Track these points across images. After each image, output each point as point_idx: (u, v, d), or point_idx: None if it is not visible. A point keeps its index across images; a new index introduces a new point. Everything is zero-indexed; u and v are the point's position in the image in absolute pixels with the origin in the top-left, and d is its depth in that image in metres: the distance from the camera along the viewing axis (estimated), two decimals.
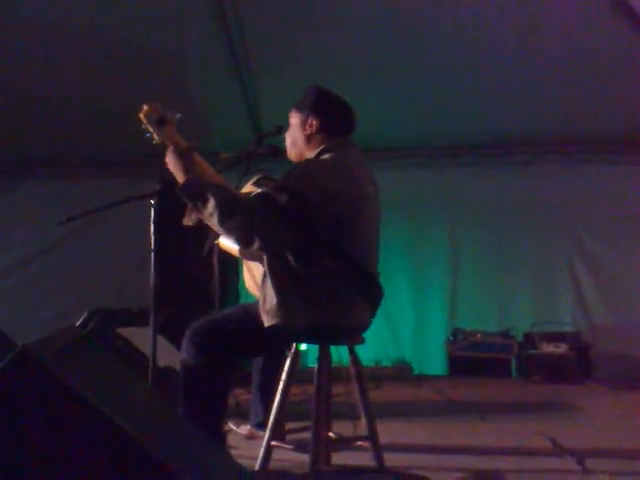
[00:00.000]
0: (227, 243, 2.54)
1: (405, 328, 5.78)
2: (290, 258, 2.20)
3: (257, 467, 2.30)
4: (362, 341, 2.42)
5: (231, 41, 4.73)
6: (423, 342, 5.80)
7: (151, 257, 2.51)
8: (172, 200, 2.76)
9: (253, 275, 2.59)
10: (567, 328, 5.52)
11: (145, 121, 2.36)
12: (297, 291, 2.20)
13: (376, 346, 5.29)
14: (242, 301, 4.89)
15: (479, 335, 5.50)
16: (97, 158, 5.98)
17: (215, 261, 3.46)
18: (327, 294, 2.22)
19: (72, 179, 6.01)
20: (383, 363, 5.52)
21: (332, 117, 2.39)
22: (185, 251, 4.31)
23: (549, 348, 5.21)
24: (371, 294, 2.35)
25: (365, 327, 2.42)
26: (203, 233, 2.68)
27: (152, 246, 2.50)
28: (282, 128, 2.56)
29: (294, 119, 2.44)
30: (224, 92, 5.20)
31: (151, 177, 5.40)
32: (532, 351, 5.27)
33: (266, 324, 2.24)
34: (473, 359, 5.42)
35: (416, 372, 5.47)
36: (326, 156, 2.33)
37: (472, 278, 5.83)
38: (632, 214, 5.56)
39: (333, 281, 2.22)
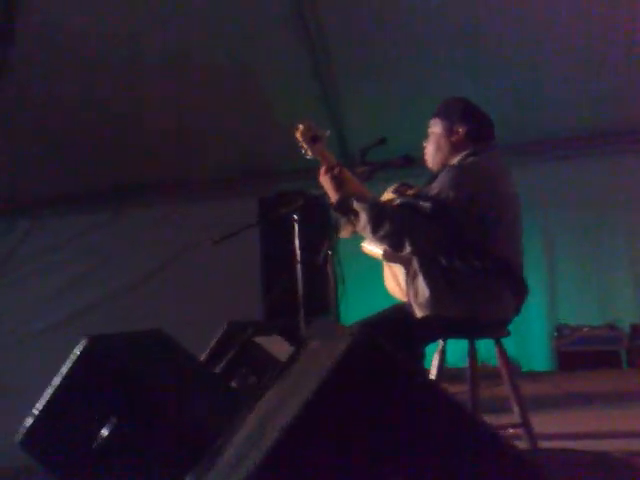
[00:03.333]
0: (370, 248, 2.68)
1: None
2: (440, 258, 2.37)
3: None
4: (508, 334, 2.54)
5: (313, 48, 4.92)
6: (525, 339, 5.79)
7: (297, 269, 2.68)
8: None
9: (396, 278, 2.70)
10: None
11: (301, 139, 2.59)
12: (447, 286, 2.36)
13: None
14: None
15: (586, 329, 5.48)
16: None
17: (330, 269, 3.60)
18: (475, 289, 2.37)
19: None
20: (490, 362, 5.53)
21: (478, 124, 2.55)
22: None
23: None
24: (516, 289, 2.47)
25: (509, 321, 2.54)
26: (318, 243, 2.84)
27: (298, 258, 2.67)
28: (385, 140, 2.73)
29: (437, 128, 2.59)
30: (306, 102, 5.38)
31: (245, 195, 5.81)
32: None
33: (418, 315, 2.39)
34: (582, 353, 5.40)
35: (524, 369, 5.48)
36: (469, 160, 2.48)
37: (569, 272, 5.82)
38: None
39: (480, 277, 2.36)
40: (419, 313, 2.40)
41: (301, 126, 2.58)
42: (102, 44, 4.95)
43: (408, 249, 2.32)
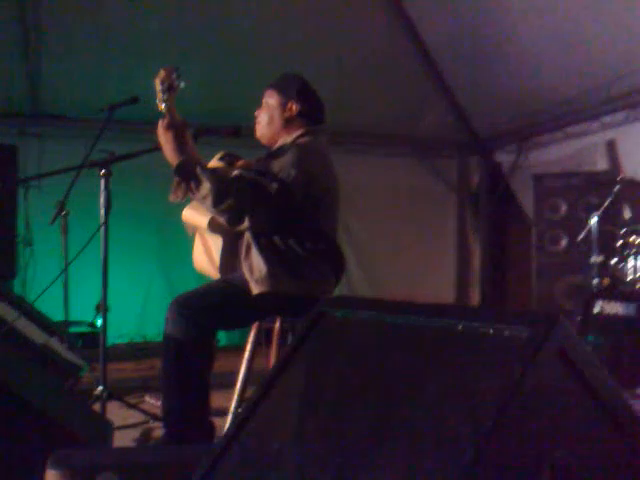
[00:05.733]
0: (194, 217, 2.64)
1: None
2: (274, 235, 2.41)
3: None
4: None
5: None
6: None
7: None
8: None
9: (210, 252, 2.67)
10: None
11: (159, 86, 2.30)
12: (282, 264, 2.41)
13: None
14: None
15: None
16: None
17: None
18: (308, 269, 2.45)
19: None
20: None
21: (312, 105, 2.60)
22: None
23: None
24: (339, 271, 2.58)
25: None
26: None
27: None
28: (138, 99, 2.73)
29: (272, 100, 2.58)
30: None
31: None
32: None
33: (255, 292, 2.40)
34: None
35: None
36: (305, 140, 2.52)
37: None
38: None
39: (312, 257, 2.45)
40: (256, 289, 2.39)
41: (163, 71, 2.30)
42: None
43: (246, 225, 2.33)
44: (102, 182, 2.66)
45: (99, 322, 5.04)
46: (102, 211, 2.71)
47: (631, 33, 4.47)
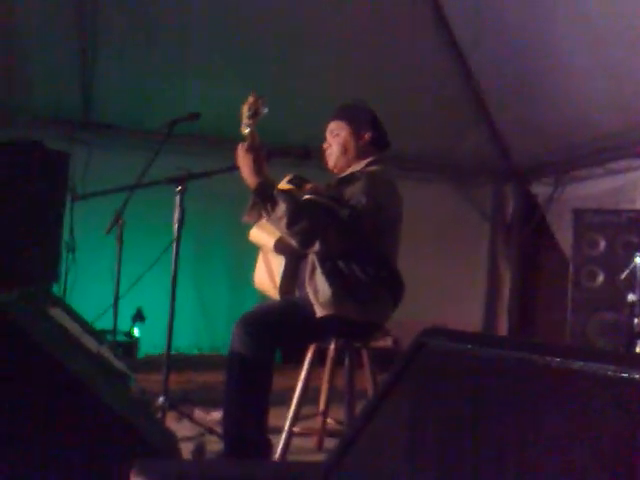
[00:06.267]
0: (261, 236, 2.68)
1: None
2: (339, 260, 2.46)
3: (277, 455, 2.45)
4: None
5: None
6: None
7: None
8: None
9: (271, 272, 2.70)
10: None
11: (246, 111, 2.41)
12: (346, 289, 2.45)
13: None
14: None
15: None
16: None
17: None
18: (369, 295, 2.50)
19: None
20: None
21: (381, 133, 2.68)
22: None
23: None
24: (398, 297, 2.64)
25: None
26: None
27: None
28: (199, 115, 2.93)
29: (343, 131, 2.64)
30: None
31: None
32: None
33: (319, 314, 2.43)
34: None
35: None
36: (376, 168, 2.60)
37: None
38: None
39: (374, 285, 2.50)
40: (320, 312, 2.44)
41: (251, 97, 2.41)
42: None
43: (316, 248, 2.38)
44: (177, 198, 2.70)
45: (135, 331, 5.11)
46: (175, 226, 2.75)
47: None
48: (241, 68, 5.22)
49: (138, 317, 5.19)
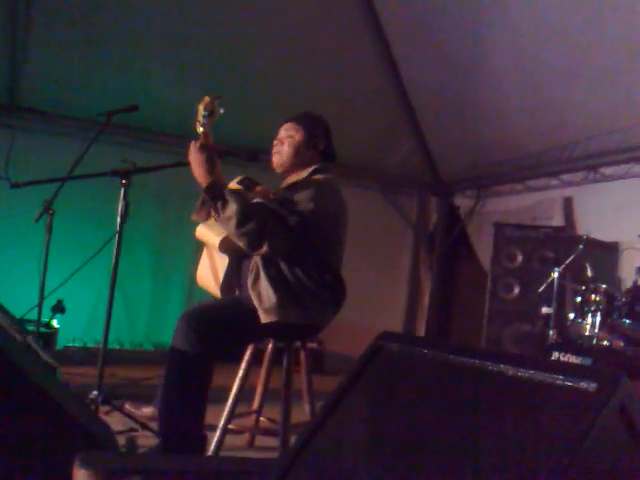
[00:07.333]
0: (207, 235, 2.72)
1: None
2: (283, 265, 2.51)
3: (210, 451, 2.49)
4: None
5: None
6: None
7: None
8: None
9: (215, 270, 2.74)
10: None
11: (202, 110, 2.45)
12: (290, 294, 2.51)
13: None
14: None
15: None
16: None
17: None
18: (313, 299, 2.55)
19: None
20: None
21: (331, 145, 2.79)
22: None
23: None
24: (340, 301, 2.68)
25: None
26: None
27: None
28: (137, 107, 2.96)
29: (298, 135, 2.69)
30: None
31: None
32: None
33: (264, 320, 2.48)
34: None
35: None
36: (324, 176, 2.67)
37: None
38: None
39: (317, 289, 2.55)
40: (264, 318, 2.48)
41: (207, 98, 2.45)
42: None
43: (263, 251, 2.41)
44: (121, 192, 2.66)
45: (55, 323, 4.96)
46: (118, 219, 2.71)
47: (600, 98, 4.78)
48: (185, 68, 5.19)
49: (58, 308, 5.01)
